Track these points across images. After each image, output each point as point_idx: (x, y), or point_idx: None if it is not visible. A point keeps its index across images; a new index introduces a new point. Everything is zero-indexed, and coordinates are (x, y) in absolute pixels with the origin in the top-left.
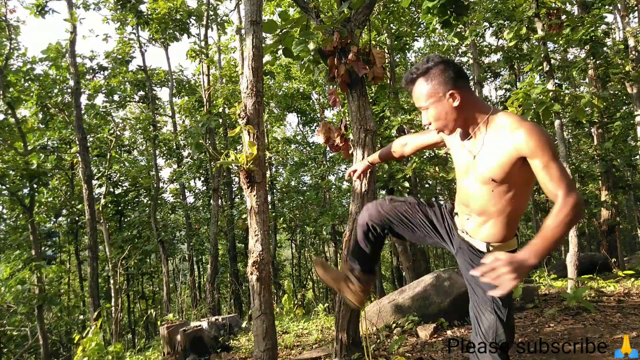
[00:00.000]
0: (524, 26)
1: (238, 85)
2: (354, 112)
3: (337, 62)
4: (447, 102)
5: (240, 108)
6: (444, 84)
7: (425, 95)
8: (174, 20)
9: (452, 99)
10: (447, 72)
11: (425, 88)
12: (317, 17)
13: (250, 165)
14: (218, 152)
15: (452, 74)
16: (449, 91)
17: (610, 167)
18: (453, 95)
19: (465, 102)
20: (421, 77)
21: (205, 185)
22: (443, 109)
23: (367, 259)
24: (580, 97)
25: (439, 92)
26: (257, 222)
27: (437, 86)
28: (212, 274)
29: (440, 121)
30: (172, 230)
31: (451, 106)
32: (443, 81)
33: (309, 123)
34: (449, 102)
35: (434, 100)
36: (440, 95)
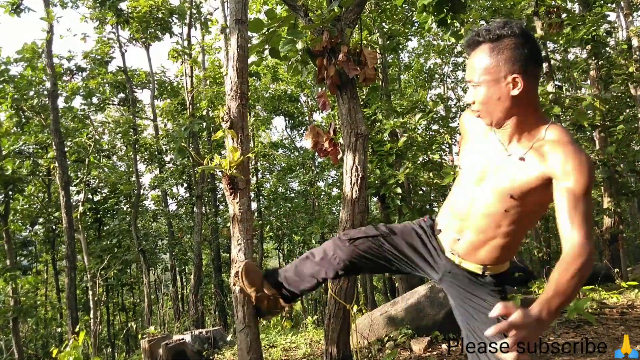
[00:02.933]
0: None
1: (222, 87)
2: (344, 115)
3: (326, 63)
4: (506, 86)
5: (224, 111)
6: (510, 62)
7: (483, 68)
8: (155, 18)
9: (512, 85)
10: (521, 49)
11: (486, 60)
12: (305, 16)
13: (233, 170)
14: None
15: (526, 54)
16: (513, 74)
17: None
18: (515, 81)
19: (526, 95)
20: (487, 43)
21: (188, 191)
22: (497, 92)
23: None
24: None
25: (501, 71)
26: (240, 231)
27: (501, 62)
28: (195, 285)
29: (487, 106)
30: (154, 239)
31: (508, 93)
32: (511, 58)
33: (297, 127)
34: (507, 88)
35: (490, 78)
36: (500, 74)
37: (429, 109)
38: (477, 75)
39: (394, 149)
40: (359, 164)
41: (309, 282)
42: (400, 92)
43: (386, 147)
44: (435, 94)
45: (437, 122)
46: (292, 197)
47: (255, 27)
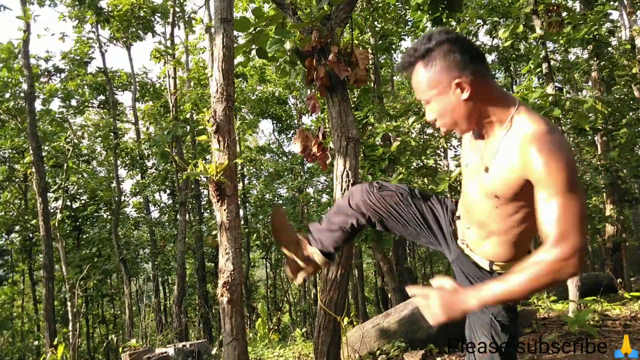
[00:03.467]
0: (520, 24)
1: (207, 89)
2: (334, 118)
3: (316, 64)
4: (454, 93)
5: (209, 114)
6: (448, 70)
7: (426, 85)
8: (137, 17)
9: (459, 90)
10: (452, 54)
11: (425, 76)
12: (294, 14)
13: (220, 176)
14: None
15: (460, 57)
16: (455, 79)
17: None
18: (460, 85)
19: (478, 94)
20: (419, 60)
21: (171, 198)
22: (449, 102)
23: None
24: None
25: (443, 81)
26: (228, 239)
27: (439, 73)
28: (179, 296)
29: (446, 118)
30: (135, 247)
31: (458, 99)
32: (447, 66)
33: (285, 130)
34: (456, 94)
35: (437, 91)
36: (444, 85)
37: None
38: (423, 93)
39: (387, 154)
40: (349, 170)
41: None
42: (393, 94)
43: (378, 152)
44: None
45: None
46: (279, 204)
47: (241, 26)
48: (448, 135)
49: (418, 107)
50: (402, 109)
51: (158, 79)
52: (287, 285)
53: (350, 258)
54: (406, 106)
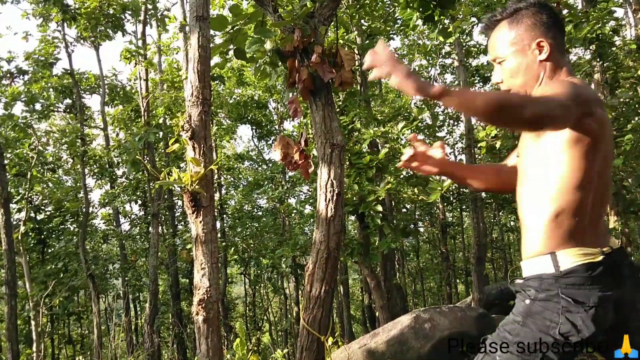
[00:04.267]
0: None
1: (182, 92)
2: (318, 123)
3: (298, 65)
4: (532, 53)
5: (184, 119)
6: (532, 29)
7: (505, 42)
8: (105, 15)
9: (538, 50)
10: (539, 15)
11: (507, 33)
12: (274, 12)
13: (195, 186)
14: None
15: (545, 19)
16: (537, 39)
17: (620, 188)
18: (540, 45)
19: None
20: (506, 19)
21: (143, 209)
22: (524, 61)
23: None
24: None
25: (525, 39)
26: (204, 253)
27: (523, 32)
28: (151, 315)
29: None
30: (104, 262)
31: (535, 59)
32: (532, 24)
33: (265, 136)
34: (534, 54)
35: (515, 49)
36: (524, 43)
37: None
38: (500, 50)
39: (374, 162)
40: (334, 179)
41: None
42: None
43: (365, 160)
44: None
45: (423, 131)
46: (259, 215)
47: (218, 25)
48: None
49: (408, 112)
50: (390, 113)
51: (129, 82)
52: (267, 303)
53: (335, 274)
54: (395, 110)
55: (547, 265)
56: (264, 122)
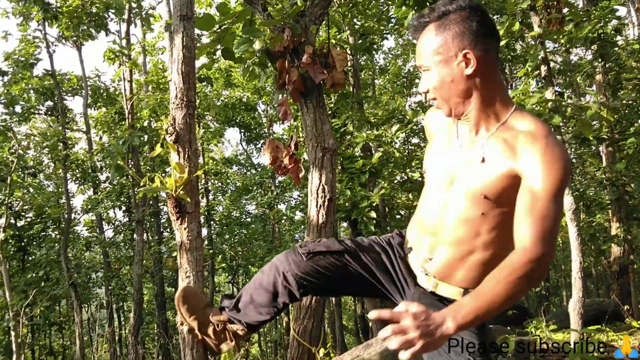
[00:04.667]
0: (517, 21)
1: (167, 93)
2: (309, 126)
3: (288, 66)
4: (458, 65)
5: (168, 122)
6: (460, 38)
7: (431, 49)
8: (88, 14)
9: (465, 62)
10: (469, 21)
11: (433, 40)
12: (264, 11)
13: (180, 191)
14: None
15: (476, 27)
16: (464, 49)
17: (623, 194)
18: (467, 57)
19: (482, 74)
20: (434, 22)
21: (127, 216)
22: (449, 73)
23: (258, 319)
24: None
25: (450, 48)
26: (189, 261)
27: (450, 38)
28: (135, 325)
29: (441, 91)
30: (87, 271)
31: (461, 72)
32: (460, 33)
33: (254, 140)
34: (460, 67)
35: (440, 59)
36: (450, 53)
37: (408, 119)
38: (425, 58)
39: (367, 166)
40: (326, 184)
41: (265, 309)
42: (374, 100)
43: (358, 164)
44: (415, 102)
45: (418, 135)
46: (248, 222)
47: (205, 24)
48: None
49: (402, 115)
50: (384, 116)
51: (112, 83)
52: None
53: None
54: (389, 113)
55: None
56: (253, 125)
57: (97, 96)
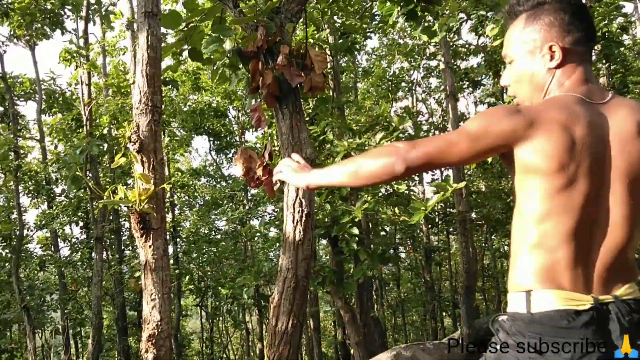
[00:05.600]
0: None
1: (129, 98)
2: (284, 134)
3: (262, 68)
4: (542, 57)
5: (131, 129)
6: (547, 30)
7: (518, 39)
8: (42, 10)
9: (549, 55)
10: (562, 13)
11: (522, 30)
12: (235, 7)
13: (144, 205)
14: (102, 188)
15: (568, 19)
16: (550, 42)
17: None
18: (552, 50)
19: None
20: (526, 12)
21: (85, 232)
22: (531, 66)
23: None
24: None
25: (537, 39)
26: (154, 282)
27: (537, 31)
28: (94, 352)
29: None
30: (41, 293)
31: (544, 65)
32: (548, 24)
33: (225, 149)
34: (544, 59)
35: (525, 50)
36: (536, 45)
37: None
38: (511, 48)
39: None
40: (303, 197)
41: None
42: (356, 105)
43: None
44: (401, 107)
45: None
46: (217, 239)
47: (170, 22)
48: None
49: (387, 121)
50: (367, 122)
51: (69, 86)
52: (227, 339)
53: (304, 305)
54: (372, 119)
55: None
56: (223, 133)
57: (52, 101)
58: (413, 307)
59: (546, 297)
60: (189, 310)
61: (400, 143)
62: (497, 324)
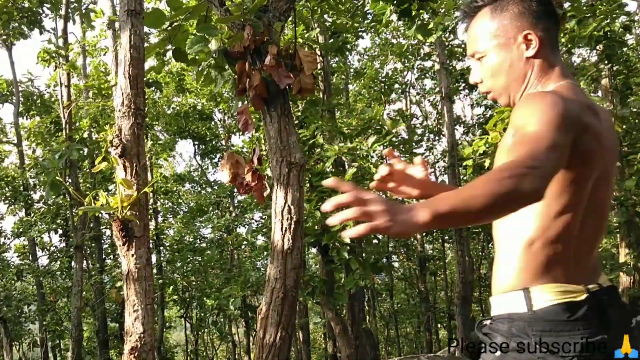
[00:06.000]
0: None
1: (110, 100)
2: (272, 138)
3: (249, 68)
4: (517, 48)
5: (113, 133)
6: (519, 19)
7: (487, 33)
8: (20, 9)
9: (525, 44)
10: (528, 2)
11: (489, 23)
12: (221, 5)
13: (126, 212)
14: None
15: (536, 7)
16: (524, 31)
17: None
18: (528, 38)
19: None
20: (489, 6)
21: (64, 240)
22: (508, 58)
23: None
24: None
25: (509, 30)
26: (137, 293)
27: (507, 22)
28: None
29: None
30: (18, 304)
31: (521, 55)
32: (518, 14)
33: (210, 154)
34: (520, 50)
35: (499, 42)
36: (509, 36)
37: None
38: (480, 44)
39: None
40: (292, 204)
41: None
42: (348, 108)
43: None
44: (394, 110)
45: (398, 148)
46: (203, 247)
47: (154, 21)
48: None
49: (380, 125)
50: (359, 126)
51: (47, 88)
52: (212, 351)
53: (293, 317)
54: (364, 122)
55: (519, 304)
56: (209, 137)
57: (29, 103)
58: (407, 319)
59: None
60: (172, 322)
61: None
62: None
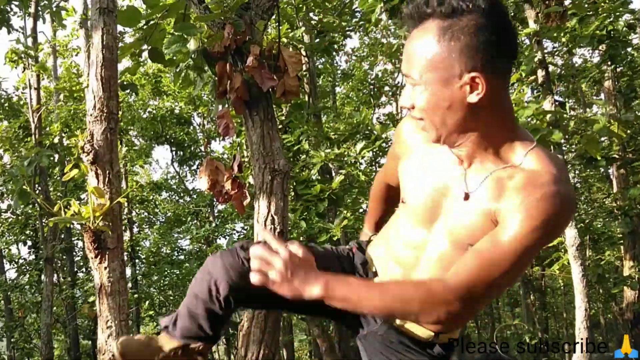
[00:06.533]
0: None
1: (82, 103)
2: (255, 143)
3: (229, 70)
4: (460, 89)
5: (84, 138)
6: (468, 54)
7: (427, 61)
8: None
9: (470, 87)
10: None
11: (432, 47)
12: (199, 3)
13: (99, 222)
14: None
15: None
16: (472, 72)
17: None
18: (474, 82)
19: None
20: (438, 19)
21: (33, 253)
22: (446, 97)
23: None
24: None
25: (454, 66)
26: (110, 308)
27: (455, 53)
28: None
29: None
30: None
31: (463, 99)
32: (470, 47)
33: (188, 160)
34: (462, 91)
35: (439, 75)
36: (453, 71)
37: (376, 135)
38: (416, 69)
39: (326, 192)
40: (275, 213)
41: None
42: (335, 112)
43: (315, 190)
44: (384, 114)
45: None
46: (181, 260)
47: (128, 19)
48: None
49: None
50: (347, 131)
51: (16, 91)
52: None
53: (277, 334)
54: (352, 127)
55: None
56: (187, 142)
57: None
58: None
59: None
60: None
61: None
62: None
